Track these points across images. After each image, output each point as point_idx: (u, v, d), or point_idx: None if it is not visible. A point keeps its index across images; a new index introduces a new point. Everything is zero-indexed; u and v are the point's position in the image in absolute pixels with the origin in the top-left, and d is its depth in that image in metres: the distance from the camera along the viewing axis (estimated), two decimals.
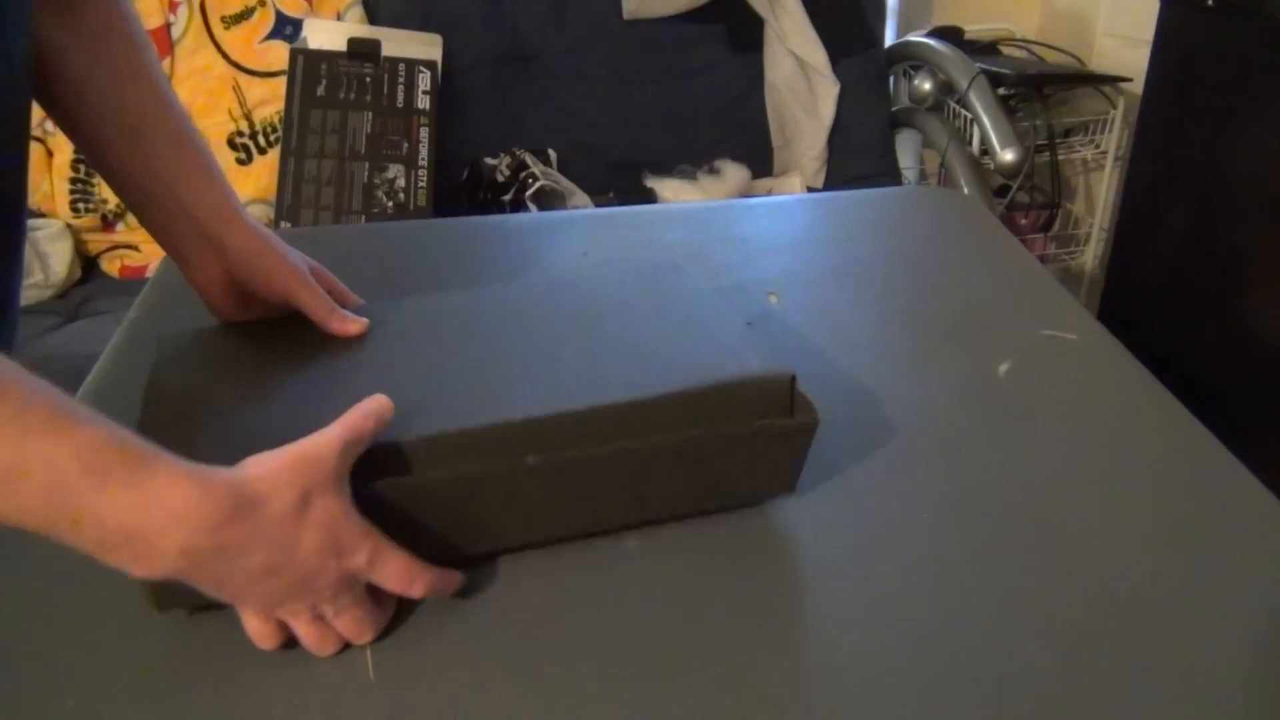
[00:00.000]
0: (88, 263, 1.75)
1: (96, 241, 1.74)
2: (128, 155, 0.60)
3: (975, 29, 2.09)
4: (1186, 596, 0.51)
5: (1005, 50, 2.08)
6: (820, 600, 0.52)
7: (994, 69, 1.80)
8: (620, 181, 1.82)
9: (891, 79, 2.03)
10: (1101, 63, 1.99)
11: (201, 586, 0.44)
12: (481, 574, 0.54)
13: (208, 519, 0.41)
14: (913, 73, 1.95)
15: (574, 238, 0.93)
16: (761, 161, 1.93)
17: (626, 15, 1.83)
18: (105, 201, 1.68)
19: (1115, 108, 1.90)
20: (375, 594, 0.50)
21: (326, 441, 0.46)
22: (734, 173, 1.84)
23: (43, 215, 1.68)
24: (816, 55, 1.86)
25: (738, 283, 0.83)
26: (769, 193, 1.88)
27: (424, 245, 0.92)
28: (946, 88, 1.87)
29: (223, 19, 1.72)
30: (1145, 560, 0.54)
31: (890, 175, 1.94)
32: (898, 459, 0.62)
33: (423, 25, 1.75)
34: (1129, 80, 1.85)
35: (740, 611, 0.51)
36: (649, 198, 1.80)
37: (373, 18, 1.76)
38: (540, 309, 0.62)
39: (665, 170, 1.84)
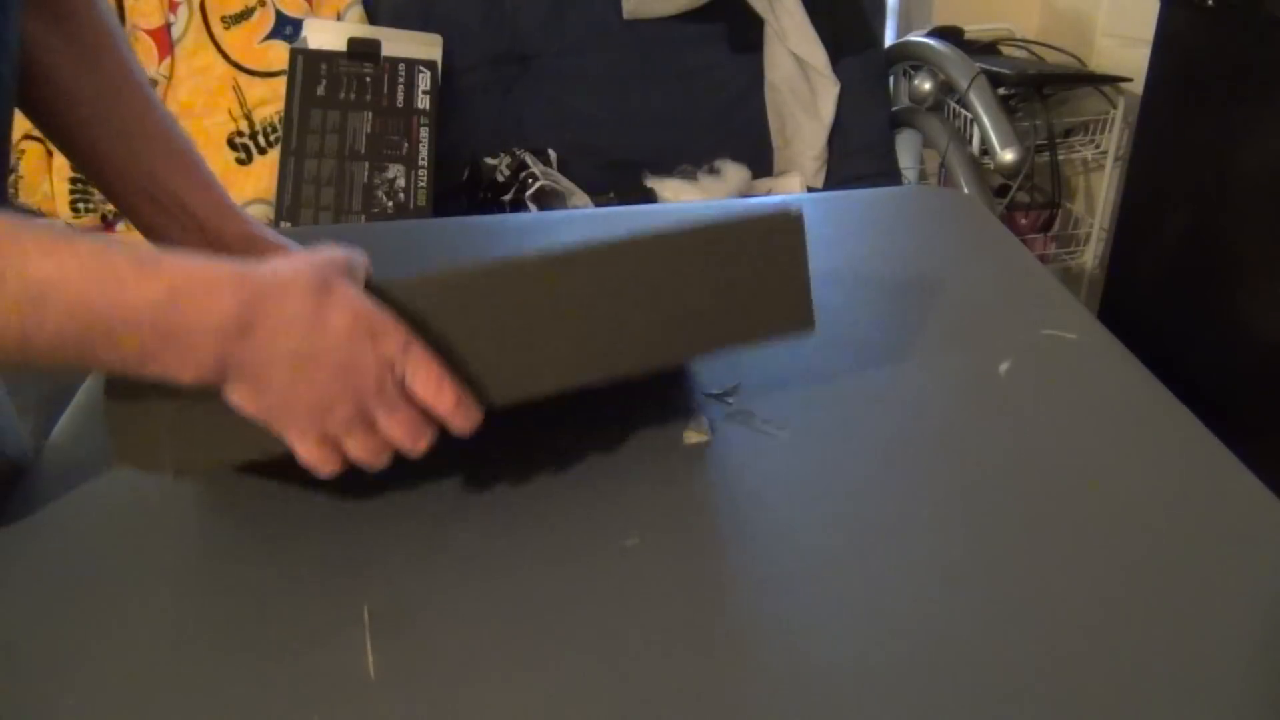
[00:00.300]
0: None
1: None
2: (123, 160, 0.60)
3: (975, 29, 2.09)
4: (1186, 596, 0.51)
5: (1005, 50, 2.08)
6: (820, 599, 0.52)
7: (994, 69, 1.80)
8: (620, 181, 1.82)
9: (891, 79, 2.03)
10: (1101, 63, 1.99)
11: (242, 398, 0.44)
12: (481, 573, 0.54)
13: (232, 294, 0.42)
14: (913, 73, 1.95)
15: (574, 238, 0.93)
16: (761, 161, 1.93)
17: (626, 15, 1.83)
18: (105, 201, 1.68)
19: (1115, 108, 1.90)
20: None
21: (332, 249, 0.48)
22: (734, 173, 1.84)
23: (43, 215, 1.68)
24: (816, 55, 1.86)
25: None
26: (769, 193, 1.88)
27: (424, 245, 0.92)
28: (946, 88, 1.87)
29: (223, 19, 1.72)
30: (1145, 559, 0.54)
31: (890, 175, 1.94)
32: (898, 458, 0.62)
33: (423, 25, 1.75)
34: (1129, 80, 1.85)
35: (740, 610, 0.51)
36: (649, 198, 1.80)
37: (373, 18, 1.76)
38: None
39: (665, 170, 1.84)
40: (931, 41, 1.89)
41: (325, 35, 1.68)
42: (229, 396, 0.46)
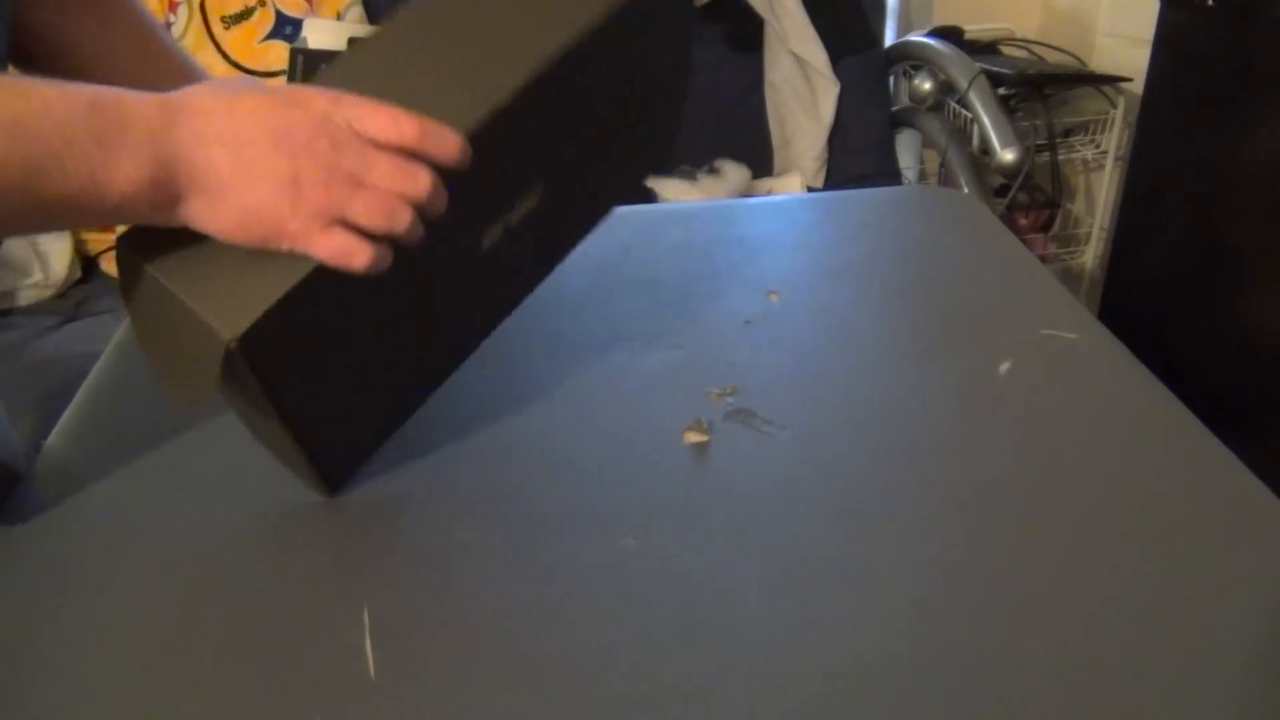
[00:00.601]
0: (88, 263, 1.74)
1: (96, 241, 1.73)
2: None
3: (975, 29, 2.09)
4: (1186, 596, 0.51)
5: (1005, 50, 2.08)
6: (819, 599, 0.52)
7: (994, 69, 1.80)
8: None
9: (891, 79, 2.03)
10: (1101, 63, 1.99)
11: (206, 212, 0.46)
12: (481, 574, 0.54)
13: (145, 98, 0.45)
14: (913, 73, 1.95)
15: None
16: (761, 161, 1.93)
17: None
18: None
19: (1115, 108, 1.90)
20: None
21: None
22: (734, 173, 1.84)
23: None
24: (816, 55, 1.86)
25: (738, 282, 0.83)
26: (769, 193, 1.88)
27: None
28: (946, 88, 1.87)
29: (223, 19, 1.72)
30: (1145, 560, 0.54)
31: (890, 175, 1.94)
32: (897, 458, 0.62)
33: None
34: (1129, 80, 1.85)
35: (740, 610, 0.51)
36: (649, 198, 1.80)
37: (373, 18, 1.76)
38: None
39: (665, 170, 1.84)
40: (931, 41, 1.89)
41: (325, 35, 1.68)
42: (195, 221, 0.46)
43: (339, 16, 1.74)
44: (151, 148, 0.44)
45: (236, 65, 1.71)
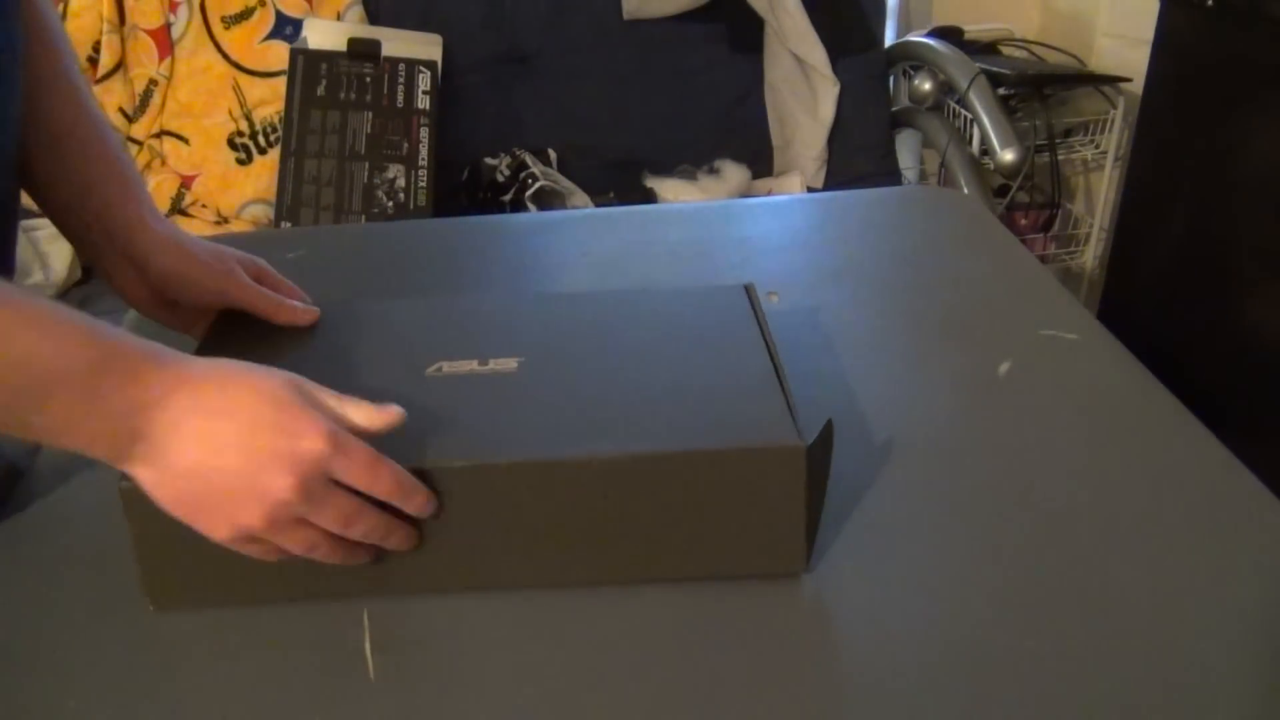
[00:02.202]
0: (86, 265, 1.75)
1: None
2: (46, 164, 0.58)
3: (975, 29, 2.09)
4: (1186, 596, 0.51)
5: (1005, 50, 2.08)
6: (819, 599, 0.52)
7: (994, 69, 1.80)
8: (620, 181, 1.82)
9: (891, 79, 2.03)
10: (1101, 63, 1.99)
11: (148, 481, 0.44)
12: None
13: (156, 369, 0.44)
14: (913, 73, 1.95)
15: (574, 238, 0.93)
16: (761, 161, 1.93)
17: (626, 15, 1.83)
18: None
19: (1115, 108, 1.90)
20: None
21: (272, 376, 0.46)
22: (734, 173, 1.84)
23: (42, 215, 1.68)
24: (816, 55, 1.86)
25: (738, 283, 0.82)
26: (769, 193, 1.88)
27: (424, 245, 0.92)
28: (946, 88, 1.87)
29: (223, 19, 1.72)
30: (1145, 560, 0.54)
31: (890, 175, 1.94)
32: (897, 459, 0.62)
33: (423, 25, 1.74)
34: (1129, 80, 1.85)
35: (740, 611, 0.51)
36: (649, 198, 1.80)
37: (373, 18, 1.76)
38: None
39: (665, 170, 1.84)
40: (931, 41, 1.89)
41: (325, 35, 1.68)
42: (139, 479, 0.45)
43: (339, 16, 1.74)
44: (130, 425, 0.43)
45: (236, 65, 1.71)
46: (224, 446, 0.44)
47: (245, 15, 1.72)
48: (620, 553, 0.52)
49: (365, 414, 0.48)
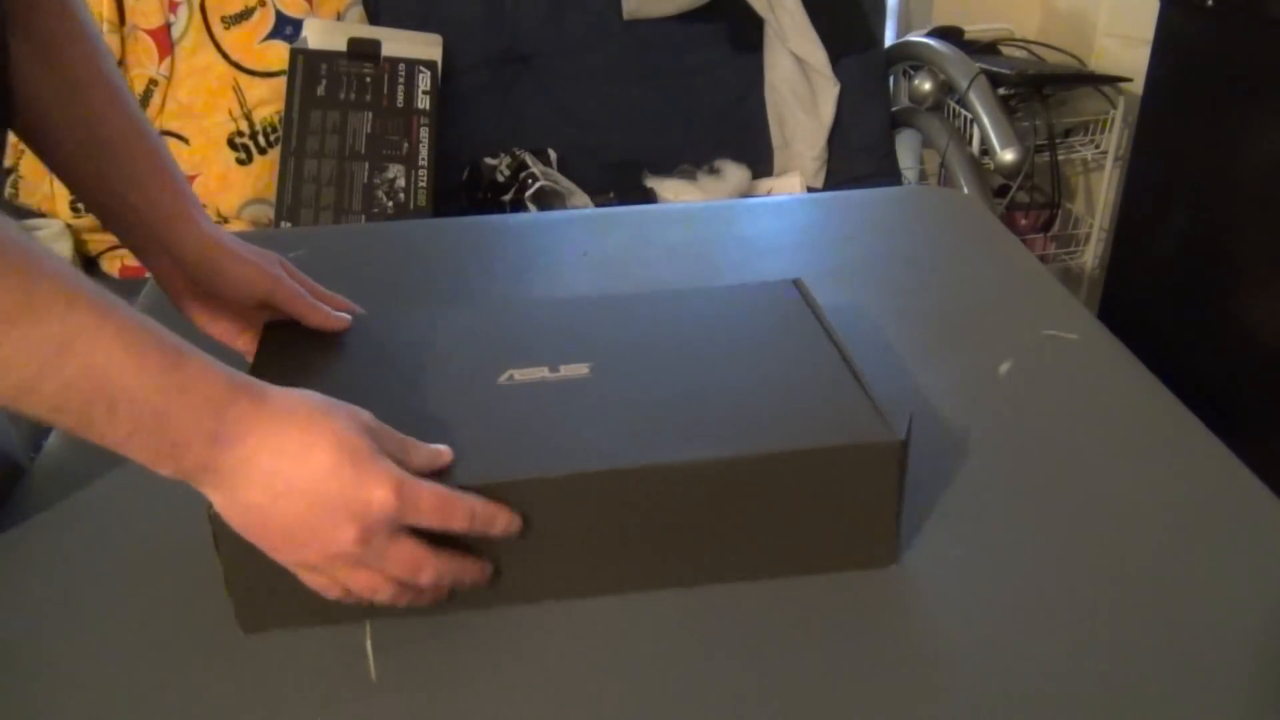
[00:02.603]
0: (88, 263, 1.74)
1: (97, 241, 1.73)
2: (83, 163, 0.58)
3: (975, 29, 2.09)
4: (1186, 596, 0.51)
5: (1005, 50, 2.08)
6: (819, 599, 0.52)
7: (994, 69, 1.80)
8: (620, 181, 1.82)
9: (891, 79, 2.03)
10: (1101, 63, 1.99)
11: (221, 506, 0.44)
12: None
13: (232, 402, 0.42)
14: (913, 73, 1.95)
15: (574, 238, 0.93)
16: (761, 161, 1.93)
17: (626, 15, 1.83)
18: None
19: (1115, 108, 1.90)
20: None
21: (369, 415, 0.46)
22: (734, 173, 1.84)
23: (43, 215, 1.68)
24: (816, 55, 1.86)
25: (738, 283, 0.82)
26: (769, 193, 1.88)
27: (424, 245, 0.92)
28: (946, 88, 1.87)
29: (223, 19, 1.72)
30: (1145, 560, 0.54)
31: (890, 175, 1.94)
32: None
33: (423, 25, 1.74)
34: (1129, 80, 1.85)
35: (740, 611, 0.51)
36: (649, 198, 1.80)
37: (373, 18, 1.76)
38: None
39: (665, 170, 1.84)
40: (931, 41, 1.89)
41: (325, 35, 1.68)
42: (206, 495, 0.45)
43: (339, 16, 1.74)
44: (200, 456, 0.42)
45: (236, 65, 1.71)
46: (291, 490, 0.43)
47: (245, 15, 1.72)
48: (711, 554, 0.52)
49: (427, 458, 0.48)
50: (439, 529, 0.46)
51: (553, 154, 1.81)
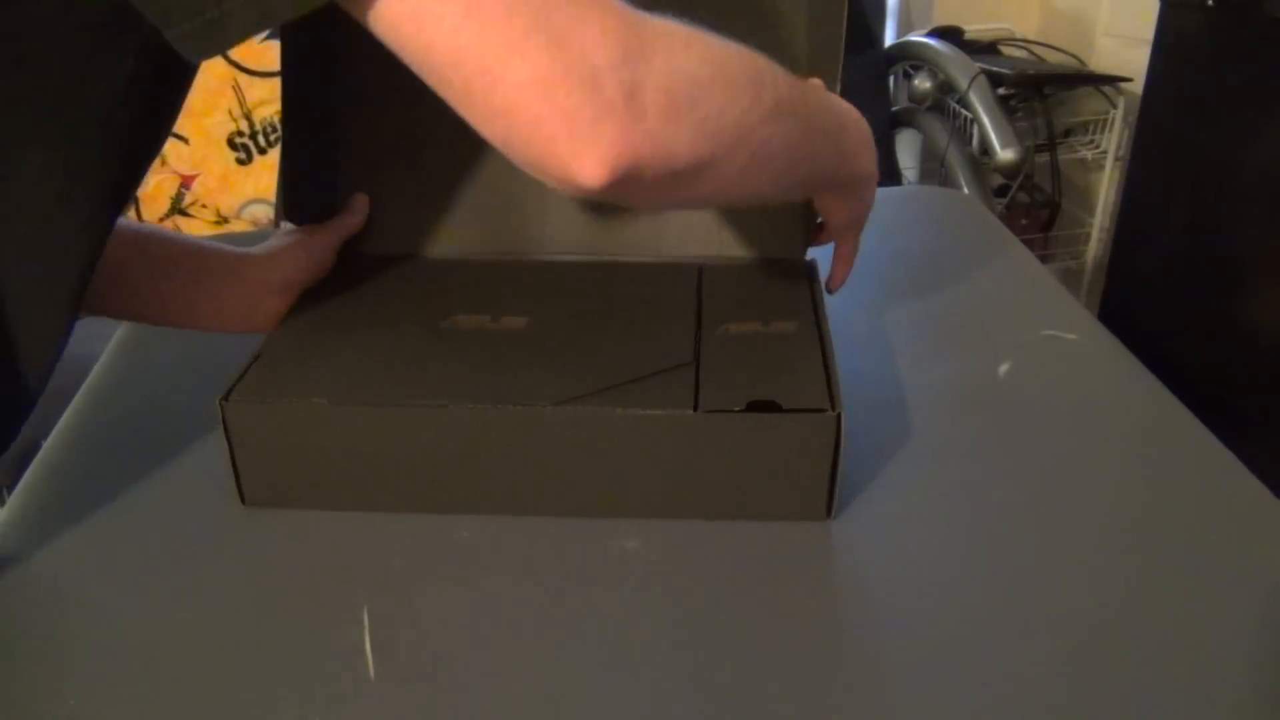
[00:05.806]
0: None
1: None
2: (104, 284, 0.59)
3: (975, 29, 2.09)
4: (1186, 596, 0.51)
5: (1005, 50, 2.08)
6: (819, 599, 0.52)
7: (994, 69, 1.80)
8: None
9: (891, 79, 2.03)
10: (1101, 63, 1.99)
11: (839, 203, 0.64)
12: (481, 573, 0.54)
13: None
14: (913, 73, 1.95)
15: None
16: None
17: None
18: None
19: (1115, 108, 1.90)
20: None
21: None
22: None
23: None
24: None
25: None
26: None
27: None
28: (946, 87, 1.87)
29: None
30: (1145, 560, 0.54)
31: (890, 175, 1.94)
32: (896, 458, 0.62)
33: None
34: (1129, 80, 1.85)
35: (740, 611, 0.51)
36: None
37: None
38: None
39: None
40: (931, 41, 1.89)
41: None
42: (831, 205, 0.64)
43: None
44: (859, 165, 0.59)
45: (236, 65, 1.72)
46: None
47: None
48: (647, 492, 0.56)
49: None
50: None
51: None
